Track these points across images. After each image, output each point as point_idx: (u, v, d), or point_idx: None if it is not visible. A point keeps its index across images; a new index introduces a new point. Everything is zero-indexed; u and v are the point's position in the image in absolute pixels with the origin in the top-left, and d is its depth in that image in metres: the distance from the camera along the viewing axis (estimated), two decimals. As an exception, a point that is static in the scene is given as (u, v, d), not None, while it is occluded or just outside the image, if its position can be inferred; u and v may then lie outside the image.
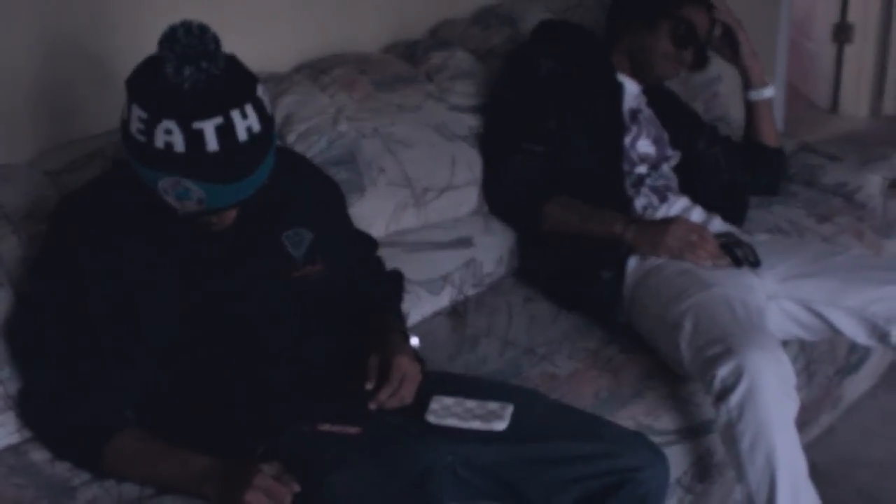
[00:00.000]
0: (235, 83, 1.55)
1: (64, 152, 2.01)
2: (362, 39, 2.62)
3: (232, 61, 1.57)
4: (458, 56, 2.59)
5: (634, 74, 2.47)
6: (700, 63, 2.47)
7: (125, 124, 1.56)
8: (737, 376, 1.85)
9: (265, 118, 1.56)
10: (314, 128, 2.25)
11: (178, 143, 1.50)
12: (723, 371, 1.87)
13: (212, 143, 1.50)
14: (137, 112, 1.52)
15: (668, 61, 2.42)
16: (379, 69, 2.45)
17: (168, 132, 1.50)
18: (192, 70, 1.49)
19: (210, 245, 1.69)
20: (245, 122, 1.52)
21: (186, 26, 1.51)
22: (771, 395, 1.84)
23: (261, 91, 1.57)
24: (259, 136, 1.55)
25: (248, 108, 1.53)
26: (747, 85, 2.56)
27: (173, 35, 1.50)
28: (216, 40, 1.52)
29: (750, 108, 2.58)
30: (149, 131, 1.51)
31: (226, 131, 1.51)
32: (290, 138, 2.23)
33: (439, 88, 2.51)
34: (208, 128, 1.50)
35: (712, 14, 2.43)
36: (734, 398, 1.85)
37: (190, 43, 1.49)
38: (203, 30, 1.52)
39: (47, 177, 1.96)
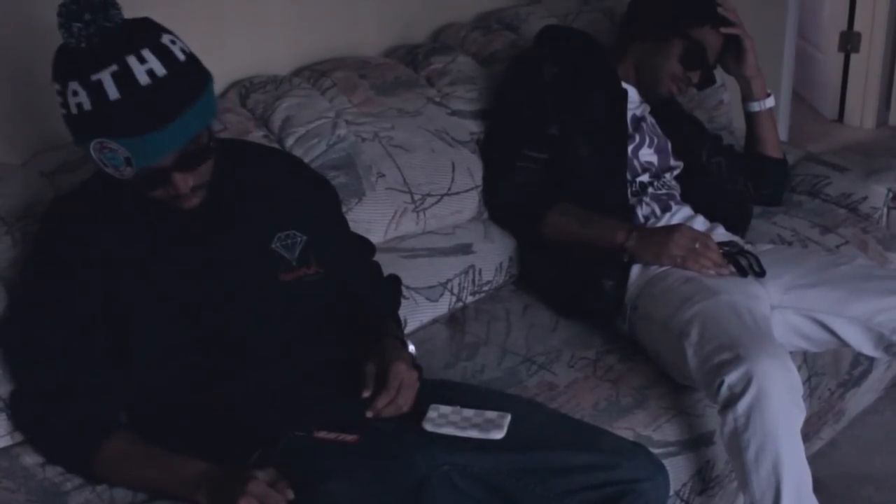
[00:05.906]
0: (131, 31, 1.53)
1: (59, 153, 2.00)
2: (363, 43, 2.61)
3: (134, 20, 1.55)
4: (459, 61, 2.58)
5: (637, 86, 2.45)
6: (705, 84, 2.45)
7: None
8: (745, 383, 1.83)
9: (173, 62, 1.53)
10: (313, 131, 2.24)
11: (85, 100, 1.50)
12: (731, 378, 1.85)
13: (112, 92, 1.49)
14: (56, 87, 1.53)
15: (674, 81, 2.40)
16: (379, 73, 2.44)
17: (75, 94, 1.50)
18: (79, 26, 1.49)
19: (201, 246, 1.68)
20: (144, 66, 1.50)
21: None
22: (779, 404, 1.83)
23: (168, 39, 1.55)
24: (167, 80, 1.52)
25: (146, 52, 1.51)
26: (747, 97, 2.53)
27: (63, 1, 1.50)
28: None
29: (751, 118, 2.56)
30: (65, 101, 1.52)
31: (123, 77, 1.49)
32: (289, 141, 2.22)
33: (440, 93, 2.50)
34: (105, 77, 1.49)
35: (723, 32, 2.40)
36: (741, 406, 1.83)
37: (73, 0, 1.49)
38: None
39: (42, 177, 1.95)
